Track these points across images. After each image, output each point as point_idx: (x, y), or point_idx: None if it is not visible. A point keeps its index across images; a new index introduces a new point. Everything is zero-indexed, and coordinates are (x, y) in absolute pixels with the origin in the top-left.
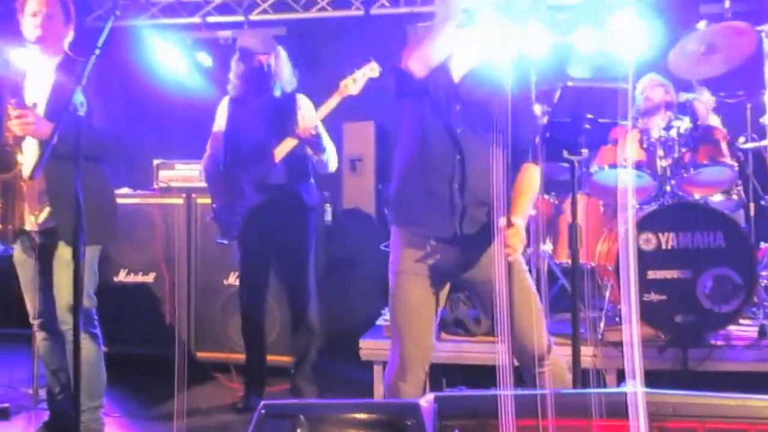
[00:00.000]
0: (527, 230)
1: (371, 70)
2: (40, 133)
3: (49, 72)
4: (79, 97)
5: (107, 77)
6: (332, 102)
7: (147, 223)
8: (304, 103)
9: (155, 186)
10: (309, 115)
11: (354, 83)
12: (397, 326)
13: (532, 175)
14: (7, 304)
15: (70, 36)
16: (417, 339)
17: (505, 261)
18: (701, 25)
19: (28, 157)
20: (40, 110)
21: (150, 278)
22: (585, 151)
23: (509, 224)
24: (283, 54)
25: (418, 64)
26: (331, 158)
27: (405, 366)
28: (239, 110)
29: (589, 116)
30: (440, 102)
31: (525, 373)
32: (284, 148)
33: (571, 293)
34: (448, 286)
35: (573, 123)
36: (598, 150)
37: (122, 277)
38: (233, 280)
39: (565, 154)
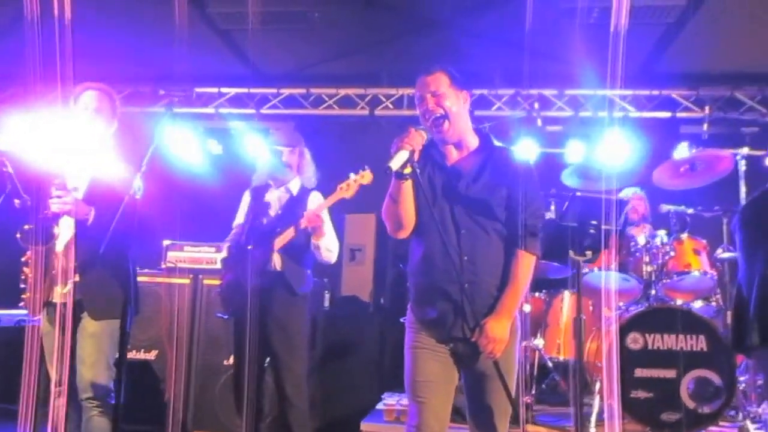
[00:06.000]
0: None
1: (362, 177)
2: (75, 214)
3: (91, 159)
4: (138, 183)
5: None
6: (328, 202)
7: (152, 301)
8: (314, 198)
9: (163, 266)
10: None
11: (347, 188)
12: (416, 398)
13: (524, 264)
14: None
15: (113, 129)
16: (436, 411)
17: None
18: (683, 146)
19: (63, 233)
20: (80, 194)
21: (152, 356)
22: (589, 253)
23: (481, 332)
24: (307, 153)
25: (401, 233)
26: (333, 249)
27: None
28: (259, 199)
29: (594, 222)
30: (443, 209)
31: None
32: (284, 237)
33: (573, 384)
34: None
35: (580, 227)
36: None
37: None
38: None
39: (572, 254)
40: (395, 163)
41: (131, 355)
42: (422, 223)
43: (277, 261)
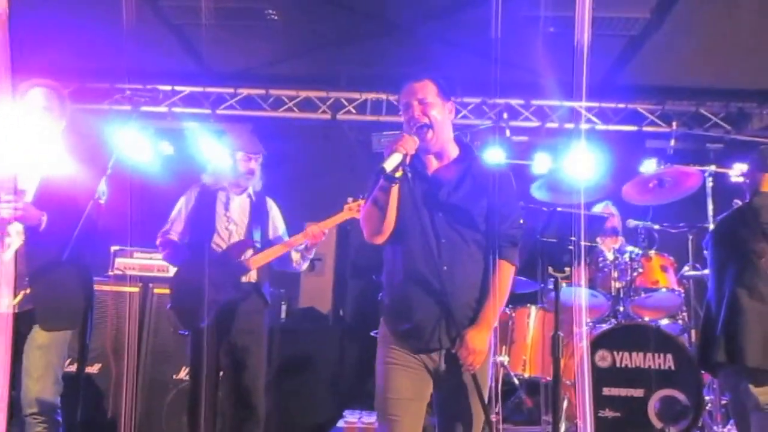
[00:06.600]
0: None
1: None
2: (25, 219)
3: (40, 161)
4: (102, 187)
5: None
6: (336, 219)
7: (97, 311)
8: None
9: (110, 273)
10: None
11: (358, 209)
12: (388, 416)
13: (504, 274)
14: None
15: (62, 127)
16: (408, 429)
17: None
18: (651, 162)
19: (13, 240)
20: (29, 197)
21: (95, 369)
22: (567, 269)
23: (462, 343)
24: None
25: (378, 238)
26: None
27: None
28: (215, 202)
29: (572, 238)
30: (423, 217)
31: None
32: (274, 252)
33: (545, 403)
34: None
35: (559, 243)
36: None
37: (65, 366)
38: (184, 375)
39: (551, 270)
40: (389, 165)
41: (73, 369)
42: (401, 231)
43: (252, 273)
